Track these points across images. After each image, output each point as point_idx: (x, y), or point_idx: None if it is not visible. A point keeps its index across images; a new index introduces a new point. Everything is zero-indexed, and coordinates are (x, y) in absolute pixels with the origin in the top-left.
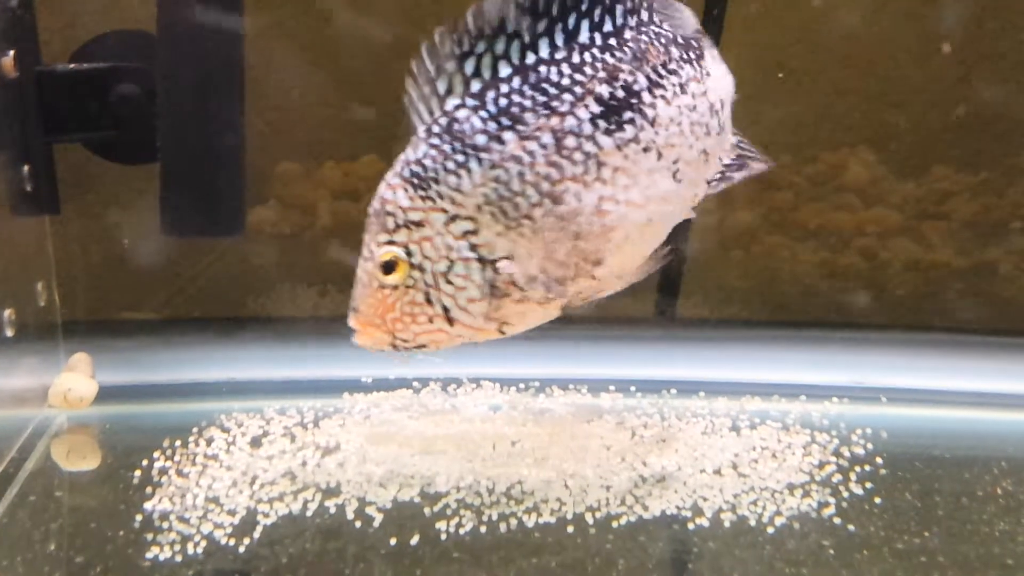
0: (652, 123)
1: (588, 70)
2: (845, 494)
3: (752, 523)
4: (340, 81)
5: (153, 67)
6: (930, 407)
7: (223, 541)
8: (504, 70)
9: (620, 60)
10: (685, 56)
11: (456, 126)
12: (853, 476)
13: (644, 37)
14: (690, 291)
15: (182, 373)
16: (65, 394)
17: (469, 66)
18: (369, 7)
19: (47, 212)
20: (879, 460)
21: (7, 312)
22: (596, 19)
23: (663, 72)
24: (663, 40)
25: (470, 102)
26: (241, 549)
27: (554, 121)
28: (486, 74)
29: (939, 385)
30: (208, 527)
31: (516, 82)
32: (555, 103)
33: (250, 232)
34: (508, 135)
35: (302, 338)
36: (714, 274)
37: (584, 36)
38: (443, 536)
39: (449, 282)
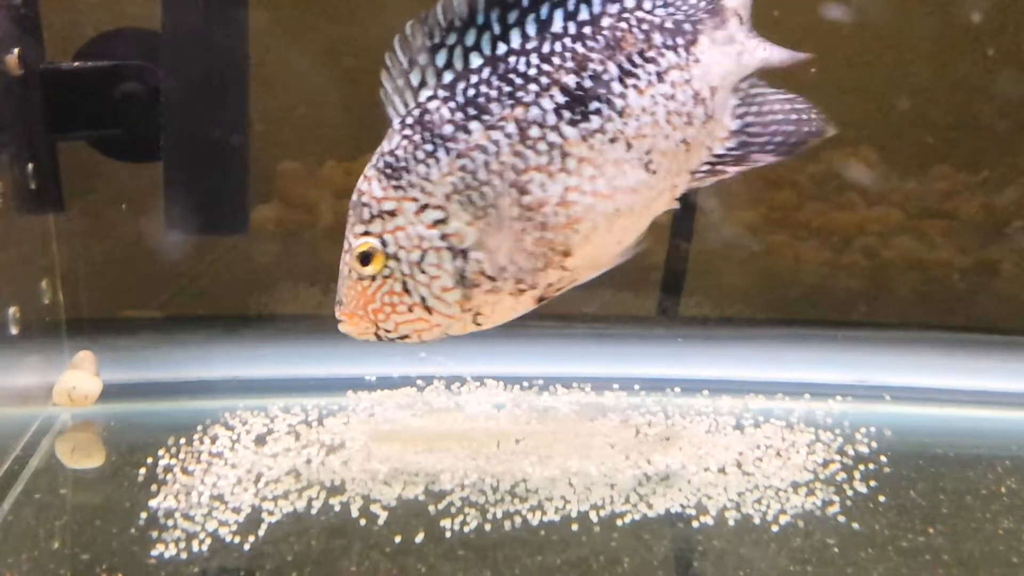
0: (621, 113)
1: (556, 60)
2: (849, 492)
3: (756, 521)
4: (342, 80)
5: (158, 65)
6: (934, 405)
7: (228, 539)
8: (476, 61)
9: (591, 49)
10: (670, 43)
11: (427, 117)
12: (857, 474)
13: (623, 24)
14: (693, 290)
15: (186, 371)
16: (69, 392)
17: (441, 58)
18: (371, 6)
19: (51, 210)
20: (883, 458)
21: (12, 310)
22: (571, 8)
23: (638, 60)
24: (646, 27)
25: (441, 93)
26: (246, 547)
27: (518, 111)
28: (458, 65)
29: (943, 384)
30: (213, 525)
31: (486, 72)
32: (520, 93)
33: (253, 230)
34: (474, 125)
35: (306, 336)
36: (717, 273)
37: (558, 25)
38: (448, 534)
39: (423, 271)
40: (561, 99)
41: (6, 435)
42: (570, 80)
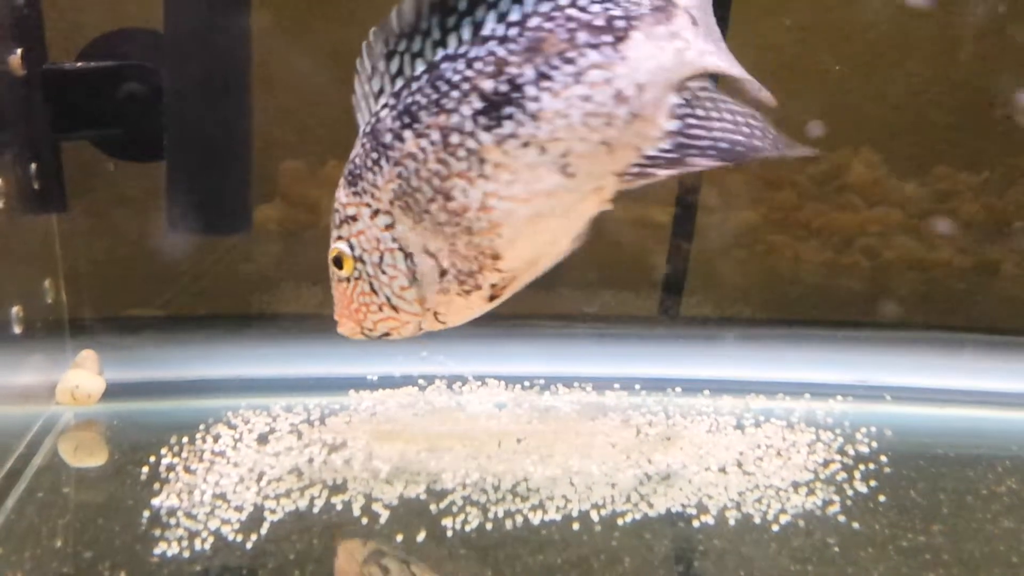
0: (534, 117)
1: (478, 65)
2: (850, 492)
3: (757, 521)
4: (345, 79)
5: (160, 65)
6: (934, 406)
7: (230, 537)
8: (419, 68)
9: (511, 52)
10: (595, 41)
11: (376, 125)
12: (858, 474)
13: (548, 25)
14: (693, 289)
15: (189, 370)
16: (72, 391)
17: (394, 65)
18: (372, 7)
19: (54, 210)
20: (883, 458)
21: (15, 309)
22: (503, 9)
23: (557, 62)
24: (572, 25)
25: (390, 101)
26: (248, 545)
27: (441, 118)
28: (407, 72)
29: (943, 384)
30: (215, 523)
31: (423, 80)
32: (444, 100)
33: (255, 230)
34: (407, 133)
35: (308, 335)
36: (718, 273)
37: (489, 28)
38: (449, 533)
39: (384, 272)
40: (478, 105)
41: (9, 434)
42: (487, 85)
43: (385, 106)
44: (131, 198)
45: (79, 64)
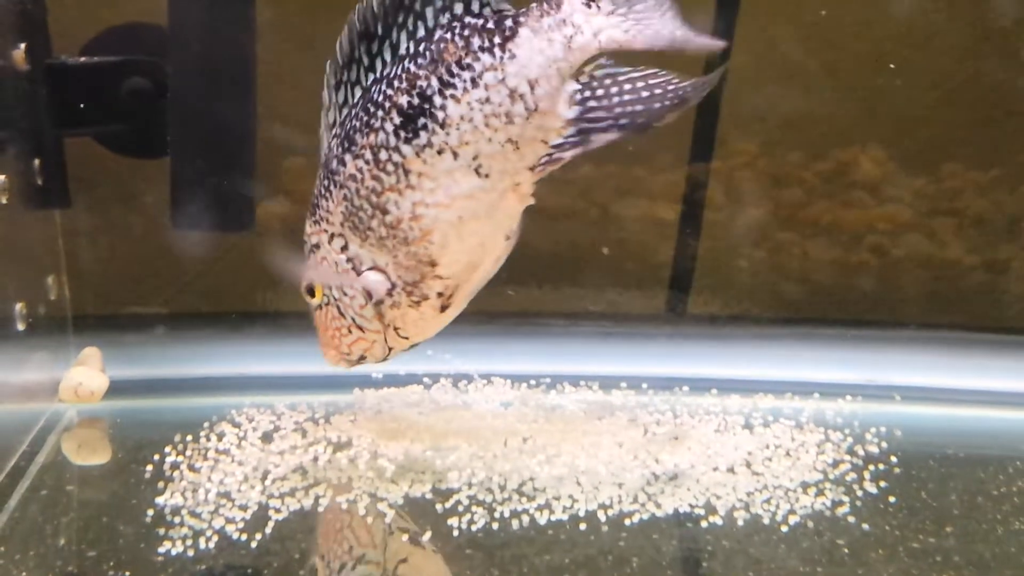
0: (443, 125)
1: (396, 83)
2: (859, 493)
3: (766, 521)
4: None
5: (164, 60)
6: (944, 406)
7: (235, 536)
8: (356, 95)
9: (420, 66)
10: (487, 44)
11: (327, 154)
12: (867, 475)
13: (448, 35)
14: (701, 288)
15: (193, 368)
16: (76, 388)
17: (341, 95)
18: None
19: (58, 206)
20: (893, 459)
21: (18, 306)
22: (410, 28)
23: (455, 69)
24: (467, 32)
25: (337, 130)
26: (253, 544)
27: (371, 138)
28: (350, 100)
29: (953, 384)
30: (220, 522)
31: (358, 105)
32: (372, 120)
33: (258, 226)
34: (347, 156)
35: (312, 333)
36: (725, 271)
37: (403, 48)
38: (455, 532)
39: (345, 293)
40: (398, 120)
41: (13, 431)
42: (403, 100)
43: (334, 135)
44: (134, 195)
45: (83, 59)
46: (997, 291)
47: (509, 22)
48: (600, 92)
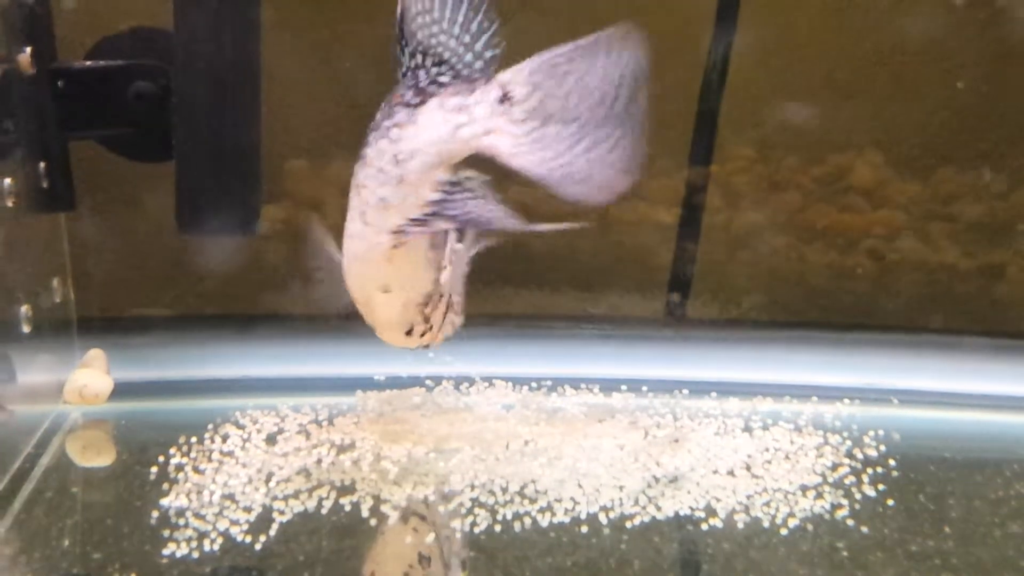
0: (361, 161)
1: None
2: (858, 496)
3: (765, 524)
4: (349, 78)
5: (170, 64)
6: (942, 409)
7: (239, 538)
8: None
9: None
10: (409, 101)
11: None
12: (866, 478)
13: (409, 81)
14: (700, 291)
15: (197, 370)
16: (80, 390)
17: None
18: (378, 5)
19: (63, 209)
20: (892, 462)
21: (23, 308)
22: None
23: (386, 113)
24: (412, 82)
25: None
26: (257, 546)
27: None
28: None
29: (952, 387)
30: (224, 524)
31: None
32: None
33: (262, 229)
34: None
35: (315, 335)
36: (724, 274)
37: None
38: (457, 535)
39: None
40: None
41: (17, 433)
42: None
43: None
44: (140, 197)
45: (88, 63)
46: (993, 295)
47: (432, 88)
48: (459, 196)
